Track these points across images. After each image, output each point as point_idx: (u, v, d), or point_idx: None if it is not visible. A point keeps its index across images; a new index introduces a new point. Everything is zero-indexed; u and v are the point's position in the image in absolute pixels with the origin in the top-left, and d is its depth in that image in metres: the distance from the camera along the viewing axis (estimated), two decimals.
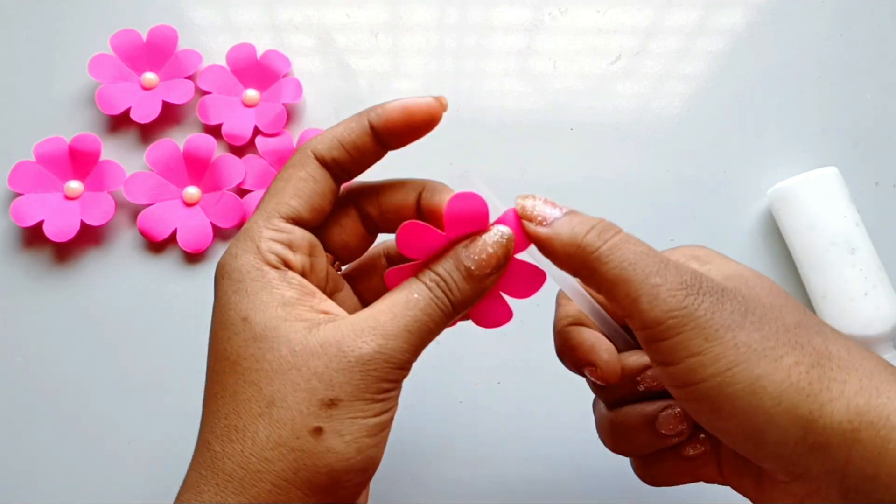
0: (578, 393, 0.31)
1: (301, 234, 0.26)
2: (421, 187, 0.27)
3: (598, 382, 0.28)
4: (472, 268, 0.25)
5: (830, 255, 0.40)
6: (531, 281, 0.27)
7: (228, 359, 0.24)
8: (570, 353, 0.28)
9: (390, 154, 0.27)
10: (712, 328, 0.23)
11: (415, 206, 0.27)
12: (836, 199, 0.40)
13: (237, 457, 0.23)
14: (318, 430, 0.23)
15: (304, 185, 0.26)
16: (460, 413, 0.41)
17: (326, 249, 0.28)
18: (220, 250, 0.43)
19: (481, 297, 0.26)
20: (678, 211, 0.44)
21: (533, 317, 0.42)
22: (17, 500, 0.40)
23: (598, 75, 0.46)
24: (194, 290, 0.43)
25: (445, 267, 0.25)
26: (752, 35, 0.46)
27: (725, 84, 0.46)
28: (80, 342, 0.42)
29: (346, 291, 0.29)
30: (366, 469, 0.24)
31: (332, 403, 0.23)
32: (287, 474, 0.23)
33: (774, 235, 0.43)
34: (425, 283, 0.25)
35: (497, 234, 0.25)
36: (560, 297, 0.30)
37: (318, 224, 0.27)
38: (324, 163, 0.26)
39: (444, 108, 0.26)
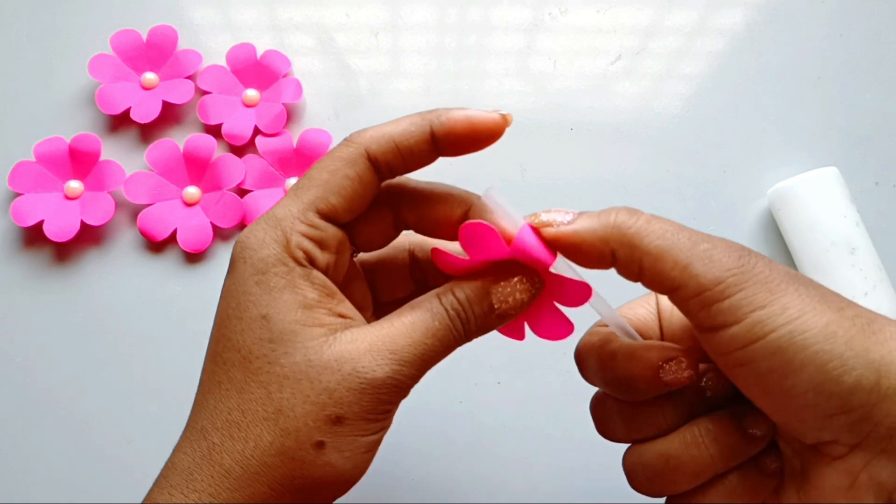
0: (578, 393, 0.31)
1: (333, 233, 0.25)
2: (467, 205, 0.27)
3: (685, 376, 0.25)
4: (496, 306, 0.25)
5: (830, 255, 0.40)
6: (581, 289, 0.25)
7: (240, 352, 0.24)
8: (643, 358, 0.26)
9: None
10: (774, 282, 0.22)
11: (459, 223, 0.26)
12: (836, 199, 0.40)
13: (237, 455, 0.23)
14: (320, 445, 0.23)
15: (349, 185, 0.25)
16: (460, 413, 0.41)
17: (350, 242, 0.27)
18: (221, 250, 0.43)
19: (494, 329, 0.26)
20: (678, 211, 0.44)
21: None
22: (17, 500, 0.40)
23: (598, 75, 0.46)
24: (194, 290, 0.43)
25: (469, 297, 0.25)
26: (752, 35, 0.46)
27: (725, 84, 0.46)
28: (80, 342, 0.42)
29: (360, 282, 0.29)
30: (355, 480, 0.25)
31: (337, 420, 0.23)
32: (283, 479, 0.24)
33: (774, 235, 0.43)
34: (447, 311, 0.25)
35: (527, 281, 0.25)
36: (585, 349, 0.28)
37: (350, 221, 0.26)
38: (375, 163, 0.25)
39: (507, 124, 0.26)
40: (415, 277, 0.30)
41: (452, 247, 0.28)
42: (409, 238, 0.30)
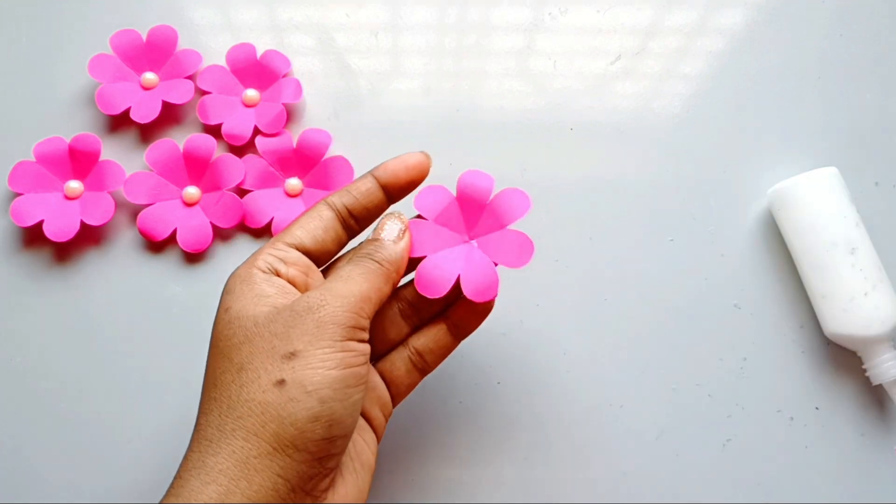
0: (578, 392, 0.32)
1: (297, 255, 0.30)
2: None
3: None
4: (381, 235, 0.31)
5: (830, 256, 0.40)
6: (522, 250, 0.31)
7: (212, 345, 0.28)
8: None
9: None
10: None
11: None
12: (836, 199, 0.40)
13: (215, 421, 0.26)
14: (281, 382, 0.26)
15: (309, 221, 0.31)
16: (460, 413, 0.41)
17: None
18: (220, 250, 0.43)
19: (403, 256, 0.31)
20: (678, 211, 0.44)
21: (533, 316, 0.42)
22: (17, 500, 0.40)
23: (598, 75, 0.46)
24: (194, 290, 0.43)
25: (367, 241, 0.31)
26: (752, 35, 0.46)
27: (725, 84, 0.46)
28: (80, 342, 0.42)
29: None
30: (330, 423, 0.26)
31: (291, 356, 0.26)
32: (256, 428, 0.25)
33: (774, 235, 0.43)
34: (351, 258, 0.30)
35: (395, 218, 0.32)
36: None
37: (322, 259, 0.31)
38: (333, 207, 0.31)
39: (430, 161, 0.32)
40: (407, 319, 0.34)
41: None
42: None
